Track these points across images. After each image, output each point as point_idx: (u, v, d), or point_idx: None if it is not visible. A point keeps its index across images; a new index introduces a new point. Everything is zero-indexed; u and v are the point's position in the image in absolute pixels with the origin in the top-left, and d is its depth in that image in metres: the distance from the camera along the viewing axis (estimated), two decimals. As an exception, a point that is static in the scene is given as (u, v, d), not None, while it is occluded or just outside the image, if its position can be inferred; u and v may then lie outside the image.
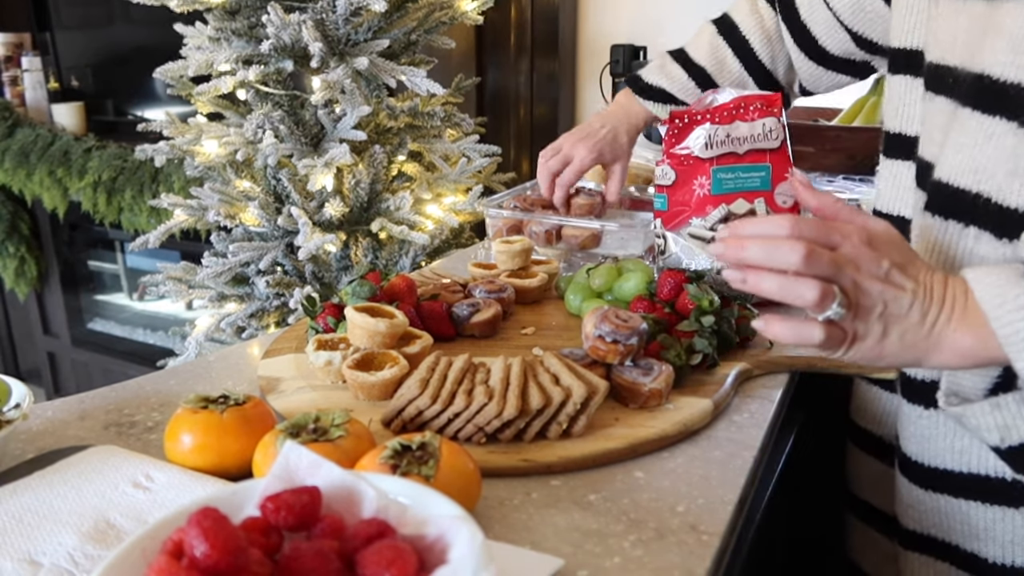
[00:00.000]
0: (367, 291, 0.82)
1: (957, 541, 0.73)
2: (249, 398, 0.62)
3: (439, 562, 0.40)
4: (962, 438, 0.71)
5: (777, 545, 0.95)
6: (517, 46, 2.31)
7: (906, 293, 0.57)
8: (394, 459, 0.51)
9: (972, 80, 0.64)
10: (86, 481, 0.58)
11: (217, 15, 1.65)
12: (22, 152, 2.82)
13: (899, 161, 0.81)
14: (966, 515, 0.72)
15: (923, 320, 0.57)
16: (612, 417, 0.68)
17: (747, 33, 1.05)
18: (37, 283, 3.27)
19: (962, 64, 0.67)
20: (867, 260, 0.56)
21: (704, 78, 1.07)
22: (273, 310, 1.74)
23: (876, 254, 0.57)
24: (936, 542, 0.75)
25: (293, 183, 1.64)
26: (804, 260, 0.54)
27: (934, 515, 0.74)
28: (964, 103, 0.65)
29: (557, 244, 1.10)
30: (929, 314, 0.57)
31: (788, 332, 0.57)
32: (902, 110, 0.79)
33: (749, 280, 0.57)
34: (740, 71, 1.06)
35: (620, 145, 1.09)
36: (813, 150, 1.37)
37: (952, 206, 0.66)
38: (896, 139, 0.81)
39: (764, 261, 0.56)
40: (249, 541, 0.39)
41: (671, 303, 0.81)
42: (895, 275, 0.57)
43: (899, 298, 0.57)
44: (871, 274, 0.56)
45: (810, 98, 1.12)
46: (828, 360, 0.81)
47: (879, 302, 0.56)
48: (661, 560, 0.52)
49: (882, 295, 0.56)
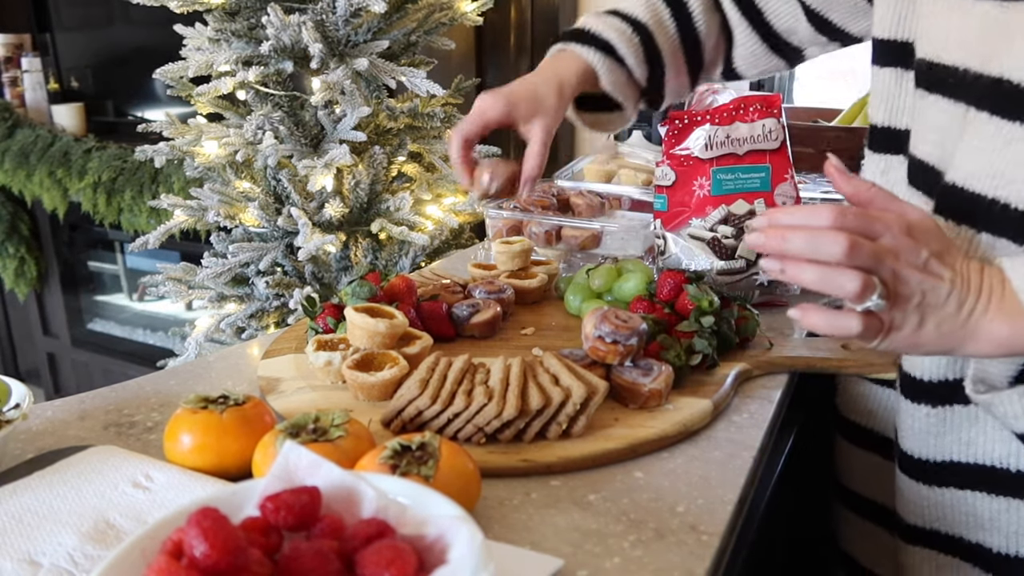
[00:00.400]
0: (367, 292, 0.82)
1: (961, 533, 0.73)
2: (249, 398, 0.62)
3: (439, 562, 0.40)
4: (968, 430, 0.71)
5: (777, 545, 0.95)
6: (517, 47, 2.31)
7: (944, 282, 0.57)
8: (394, 459, 0.51)
9: (989, 84, 0.63)
10: (86, 481, 0.58)
11: (217, 16, 1.65)
12: (22, 153, 2.82)
13: (887, 156, 0.80)
14: (971, 506, 0.72)
15: (960, 309, 0.57)
16: (612, 417, 0.68)
17: None
18: (37, 284, 3.27)
19: (969, 65, 0.65)
20: (907, 250, 0.56)
21: (645, 33, 0.94)
22: (273, 311, 1.74)
23: (915, 244, 0.57)
24: (940, 535, 0.75)
25: (293, 184, 1.64)
26: (847, 252, 0.54)
27: (937, 509, 0.74)
28: (979, 107, 0.64)
29: (557, 245, 1.10)
30: (966, 303, 0.57)
31: (825, 322, 0.57)
32: (891, 103, 0.79)
33: (788, 270, 0.56)
34: (675, 34, 0.96)
35: (541, 100, 0.89)
36: (813, 151, 1.37)
37: (966, 211, 0.65)
38: (884, 133, 0.80)
39: (807, 253, 0.55)
40: (249, 541, 0.39)
41: (671, 304, 0.81)
42: (933, 264, 0.57)
43: (937, 288, 0.56)
44: (910, 264, 0.56)
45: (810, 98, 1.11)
46: (828, 360, 0.82)
47: (917, 292, 0.56)
48: (661, 560, 0.52)
49: (920, 285, 0.56)
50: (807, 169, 1.35)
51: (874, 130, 0.81)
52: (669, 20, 0.96)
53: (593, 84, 0.94)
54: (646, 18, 0.95)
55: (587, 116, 1.01)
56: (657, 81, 0.96)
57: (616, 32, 0.93)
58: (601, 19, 0.95)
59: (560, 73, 0.91)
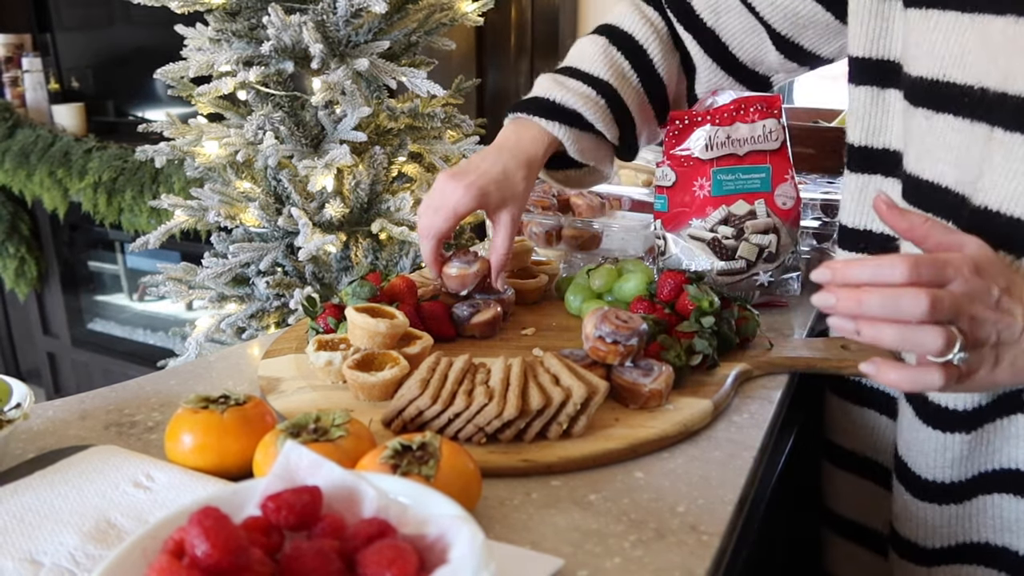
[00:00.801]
0: (367, 292, 0.82)
1: (987, 538, 0.72)
2: (249, 398, 0.62)
3: (439, 562, 0.40)
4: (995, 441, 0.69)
5: (777, 545, 0.95)
6: (517, 47, 2.31)
7: (1017, 319, 0.56)
8: (394, 459, 0.52)
9: (1018, 104, 0.61)
10: (87, 481, 0.58)
11: (218, 16, 1.65)
12: (22, 153, 2.82)
13: (865, 175, 0.79)
14: (998, 508, 0.71)
15: None
16: (612, 417, 0.68)
17: (644, 43, 0.92)
18: (37, 283, 3.27)
19: (986, 84, 0.63)
20: (980, 292, 0.55)
21: (609, 92, 0.90)
22: (273, 311, 1.74)
23: (986, 283, 0.56)
24: (965, 547, 0.74)
25: (293, 184, 1.64)
26: (929, 312, 0.52)
27: (964, 521, 0.73)
28: (1008, 127, 0.62)
29: (557, 245, 1.10)
30: None
31: (905, 380, 0.56)
32: (867, 122, 0.77)
33: (865, 332, 0.55)
34: (638, 86, 0.92)
35: (512, 186, 0.85)
36: (813, 151, 1.37)
37: (1004, 235, 0.62)
38: (862, 152, 0.79)
39: (885, 314, 0.53)
40: (250, 540, 0.39)
41: (671, 304, 0.81)
42: (1005, 301, 0.56)
43: (1012, 326, 0.56)
44: (985, 305, 0.55)
45: (810, 99, 1.11)
46: (828, 361, 0.82)
47: (993, 333, 0.55)
48: (661, 560, 0.52)
49: (996, 325, 0.55)
50: (807, 170, 1.35)
51: (852, 150, 0.80)
52: (631, 72, 0.92)
53: (562, 150, 0.91)
54: (608, 75, 0.90)
55: (558, 174, 0.97)
56: (628, 136, 0.94)
57: (580, 98, 0.88)
58: (561, 85, 0.89)
59: (526, 150, 0.87)
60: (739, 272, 0.92)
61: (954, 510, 0.73)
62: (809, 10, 0.84)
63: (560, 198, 1.15)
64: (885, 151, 0.77)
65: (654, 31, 0.92)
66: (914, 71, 0.70)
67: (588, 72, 0.90)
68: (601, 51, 0.91)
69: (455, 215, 0.83)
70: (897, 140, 0.76)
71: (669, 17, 0.93)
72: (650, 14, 0.93)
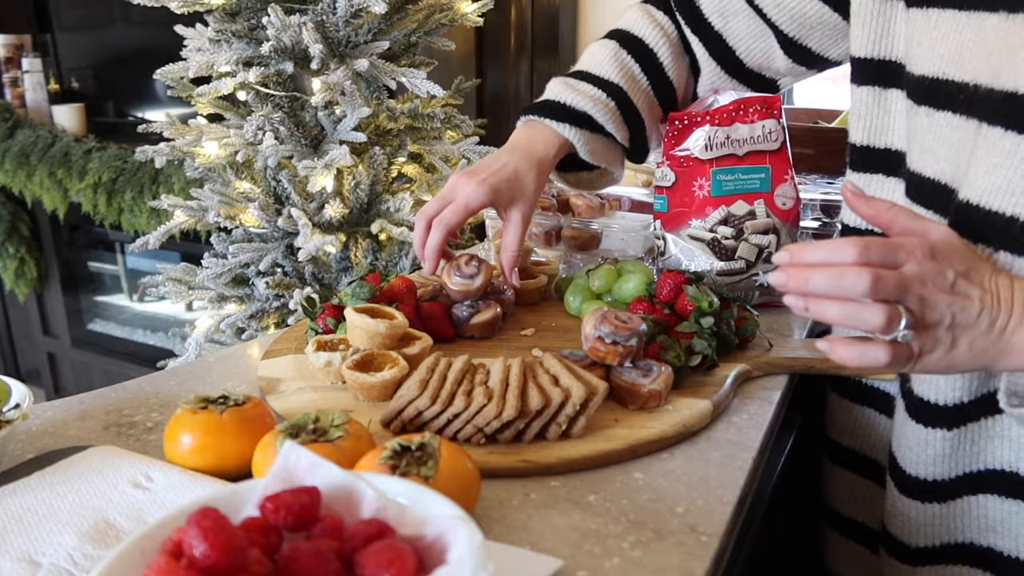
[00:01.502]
0: (367, 292, 0.82)
1: (972, 538, 0.73)
2: (249, 399, 0.62)
3: (438, 562, 0.40)
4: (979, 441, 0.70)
5: (777, 545, 0.95)
6: (517, 47, 2.31)
7: (973, 302, 0.56)
8: (393, 460, 0.52)
9: (1002, 98, 0.62)
10: (86, 481, 0.58)
11: (217, 17, 1.65)
12: (22, 153, 2.82)
13: (868, 175, 0.79)
14: (983, 509, 0.71)
15: (992, 326, 0.56)
16: (611, 418, 0.68)
17: (654, 46, 0.93)
18: (37, 284, 3.27)
19: (980, 81, 0.64)
20: (932, 274, 0.56)
21: (619, 95, 0.91)
22: (273, 311, 1.74)
23: (940, 266, 0.56)
24: (950, 547, 0.74)
25: (293, 184, 1.64)
26: (871, 287, 0.54)
27: (949, 520, 0.74)
28: (992, 122, 0.63)
29: (557, 245, 1.10)
30: (999, 320, 0.56)
31: (853, 356, 0.57)
32: (870, 122, 0.78)
33: (811, 308, 0.56)
34: (648, 89, 0.93)
35: (522, 185, 0.86)
36: (813, 152, 1.37)
37: (983, 229, 0.63)
38: (864, 152, 0.79)
39: (830, 291, 0.55)
40: (248, 541, 0.39)
41: (670, 304, 0.81)
42: (961, 284, 0.56)
43: (967, 308, 0.56)
44: (937, 288, 0.56)
45: (810, 99, 1.11)
46: (828, 362, 0.81)
47: (947, 315, 0.56)
48: (660, 561, 0.52)
49: (950, 307, 0.56)
50: (807, 170, 1.35)
51: (854, 149, 0.80)
52: (641, 75, 0.93)
53: (573, 152, 0.92)
54: (618, 78, 0.91)
55: (570, 176, 0.99)
56: (639, 138, 0.95)
57: (591, 100, 0.89)
58: (572, 88, 0.91)
59: (537, 151, 0.88)
60: (739, 272, 0.92)
61: (939, 509, 0.74)
62: (816, 11, 0.85)
63: (560, 198, 1.15)
64: (887, 151, 0.77)
65: (664, 34, 0.94)
66: (916, 70, 0.70)
67: (598, 75, 0.92)
68: (611, 54, 0.93)
69: (466, 209, 0.84)
70: (899, 140, 0.77)
71: (679, 20, 0.94)
72: (660, 18, 0.95)
